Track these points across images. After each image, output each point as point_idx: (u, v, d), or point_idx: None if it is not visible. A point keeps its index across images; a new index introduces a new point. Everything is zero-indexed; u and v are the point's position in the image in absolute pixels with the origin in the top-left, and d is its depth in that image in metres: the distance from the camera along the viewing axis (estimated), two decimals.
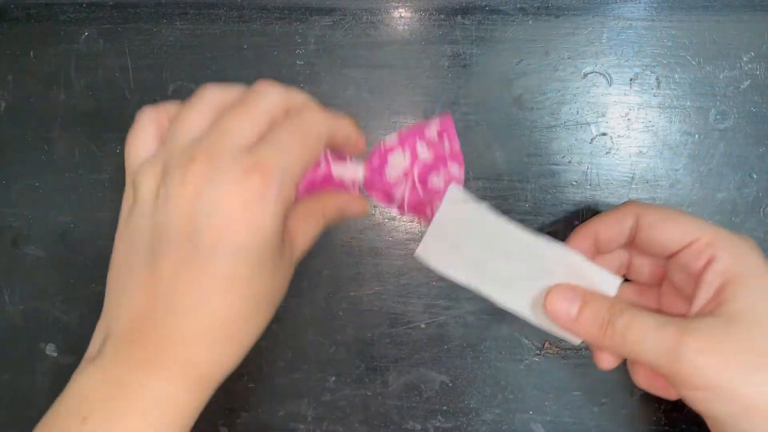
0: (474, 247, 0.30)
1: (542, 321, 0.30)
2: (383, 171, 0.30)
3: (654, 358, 0.26)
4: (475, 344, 0.37)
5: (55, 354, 0.39)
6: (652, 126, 0.37)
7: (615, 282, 0.29)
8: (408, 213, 0.31)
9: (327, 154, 0.29)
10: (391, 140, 0.30)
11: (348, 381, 0.38)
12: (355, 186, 0.30)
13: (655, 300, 0.32)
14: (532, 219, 0.37)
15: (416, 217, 0.31)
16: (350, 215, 0.30)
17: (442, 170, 0.30)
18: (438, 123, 0.30)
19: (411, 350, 0.38)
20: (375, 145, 0.30)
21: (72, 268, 0.39)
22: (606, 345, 0.27)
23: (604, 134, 0.37)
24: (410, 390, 0.38)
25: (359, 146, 0.29)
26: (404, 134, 0.30)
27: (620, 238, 0.30)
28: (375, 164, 0.30)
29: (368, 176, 0.30)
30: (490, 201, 0.37)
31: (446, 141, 0.30)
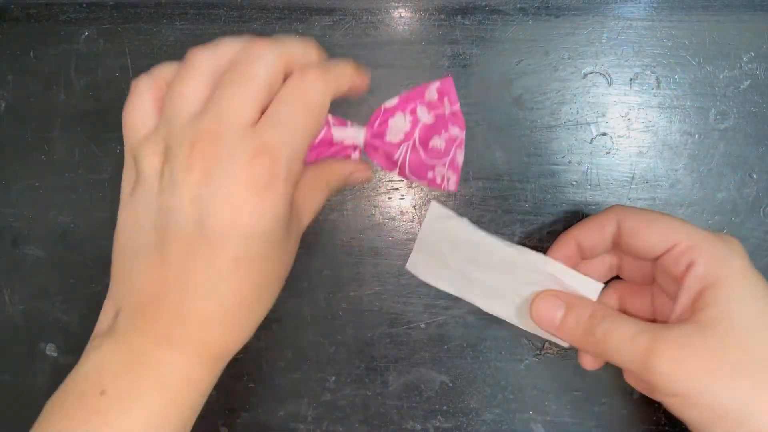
0: (458, 260, 0.31)
1: (530, 327, 0.30)
2: (384, 134, 0.29)
3: (630, 365, 0.26)
4: (475, 344, 0.37)
5: (55, 354, 0.39)
6: (652, 126, 0.37)
7: (596, 288, 0.29)
8: (409, 177, 0.30)
9: (328, 118, 0.28)
10: (392, 103, 0.29)
11: (348, 381, 0.38)
12: (357, 150, 0.29)
13: (649, 299, 0.32)
14: (532, 219, 0.37)
15: (417, 182, 0.30)
16: (354, 183, 0.30)
17: (443, 132, 0.30)
18: (439, 85, 0.29)
19: (411, 350, 0.38)
20: (376, 109, 0.29)
21: (72, 268, 0.39)
22: (588, 351, 0.28)
23: (604, 134, 0.37)
24: (410, 390, 0.38)
25: (363, 87, 0.27)
26: (405, 97, 0.29)
27: (604, 244, 0.30)
28: (376, 128, 0.29)
29: (369, 140, 0.29)
30: (490, 201, 0.37)
31: (447, 103, 0.30)
